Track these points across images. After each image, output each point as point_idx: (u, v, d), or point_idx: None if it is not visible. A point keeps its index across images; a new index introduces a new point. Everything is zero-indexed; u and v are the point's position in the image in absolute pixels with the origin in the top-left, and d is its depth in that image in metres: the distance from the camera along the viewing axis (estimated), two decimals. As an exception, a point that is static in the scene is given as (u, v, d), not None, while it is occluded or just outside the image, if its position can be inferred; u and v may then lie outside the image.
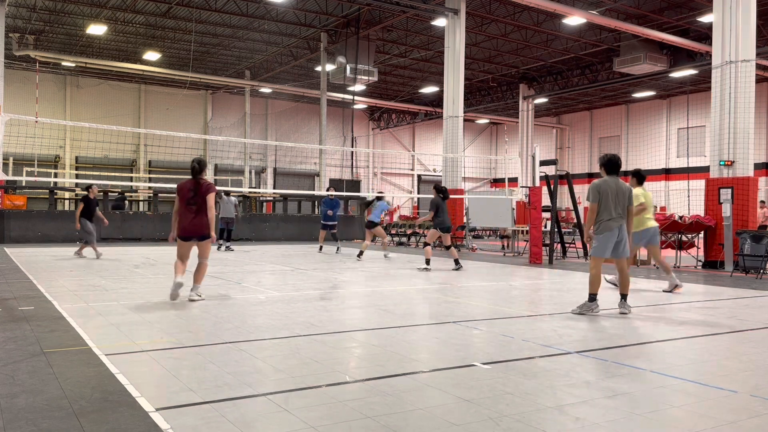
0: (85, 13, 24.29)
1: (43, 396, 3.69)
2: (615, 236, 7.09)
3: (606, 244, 7.11)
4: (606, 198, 7.08)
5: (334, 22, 25.70)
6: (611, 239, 7.10)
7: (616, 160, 7.27)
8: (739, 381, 4.33)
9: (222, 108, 38.04)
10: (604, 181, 7.19)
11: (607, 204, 7.07)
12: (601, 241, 7.12)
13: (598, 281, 7.18)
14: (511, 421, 3.41)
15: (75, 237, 19.41)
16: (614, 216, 7.08)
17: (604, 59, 28.94)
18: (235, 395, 3.79)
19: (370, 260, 14.43)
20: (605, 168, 7.31)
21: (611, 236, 7.09)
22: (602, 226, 7.12)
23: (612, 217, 7.07)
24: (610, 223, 7.07)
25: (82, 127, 15.90)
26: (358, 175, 40.27)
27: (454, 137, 20.46)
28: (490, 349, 5.27)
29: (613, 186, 7.13)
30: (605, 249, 7.13)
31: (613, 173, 7.25)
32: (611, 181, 7.17)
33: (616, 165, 7.24)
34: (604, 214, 7.10)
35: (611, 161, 7.27)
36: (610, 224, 7.07)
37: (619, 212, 7.11)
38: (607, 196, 7.08)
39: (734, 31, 13.34)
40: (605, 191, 7.10)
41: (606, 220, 7.08)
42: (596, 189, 7.14)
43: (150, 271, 11.03)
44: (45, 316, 6.31)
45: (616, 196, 7.10)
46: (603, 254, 7.16)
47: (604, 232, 7.11)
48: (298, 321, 6.31)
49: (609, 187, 7.12)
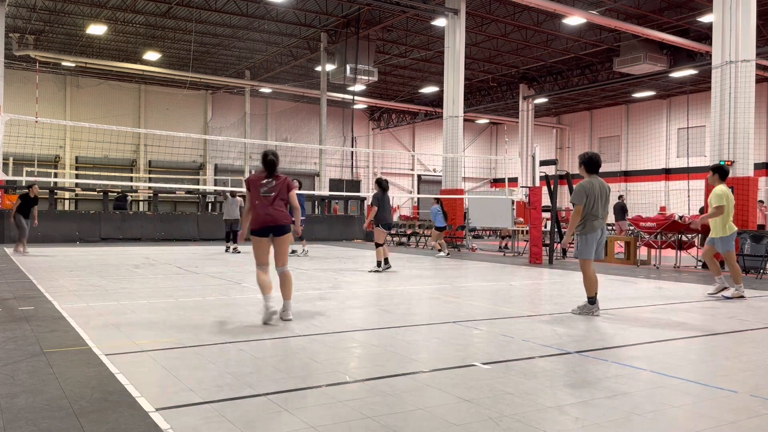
0: (85, 13, 24.29)
1: (43, 396, 3.69)
2: (598, 237, 7.05)
3: (592, 244, 7.05)
4: (592, 199, 7.01)
5: (334, 22, 25.70)
6: (596, 240, 7.05)
7: (597, 159, 7.18)
8: (739, 381, 4.33)
9: (222, 108, 38.04)
10: (588, 182, 7.10)
11: (594, 205, 7.01)
12: (588, 243, 7.04)
13: (594, 282, 7.02)
14: (511, 421, 3.41)
15: (75, 237, 19.47)
16: (599, 217, 7.04)
17: (604, 59, 28.94)
18: (235, 395, 3.79)
19: (370, 261, 14.43)
20: (586, 167, 7.19)
21: (596, 237, 7.04)
22: (587, 227, 7.03)
23: (598, 218, 7.03)
24: (596, 223, 7.02)
25: (82, 127, 15.91)
26: (358, 175, 40.26)
27: (454, 137, 20.46)
28: (490, 349, 5.27)
29: (597, 187, 7.06)
30: (592, 250, 7.06)
31: (594, 172, 7.16)
32: (595, 182, 7.10)
33: (596, 164, 7.15)
34: (589, 215, 7.03)
35: (592, 160, 7.16)
36: (595, 225, 7.02)
37: (603, 213, 7.09)
38: (593, 197, 7.01)
39: (734, 31, 13.34)
40: (592, 192, 7.02)
41: (592, 220, 7.02)
42: (584, 191, 7.02)
43: (150, 271, 11.03)
44: (45, 316, 6.31)
45: (600, 197, 7.05)
46: (590, 255, 7.07)
47: (590, 232, 7.03)
48: (299, 321, 6.30)
49: (594, 188, 7.04)
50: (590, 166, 7.16)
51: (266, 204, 6.26)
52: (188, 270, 11.40)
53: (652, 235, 13.85)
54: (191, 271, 11.16)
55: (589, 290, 6.99)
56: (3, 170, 16.41)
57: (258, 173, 6.44)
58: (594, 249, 7.07)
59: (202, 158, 37.44)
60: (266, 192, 6.29)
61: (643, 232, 14.09)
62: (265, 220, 6.24)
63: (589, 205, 6.99)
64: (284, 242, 6.39)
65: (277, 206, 6.29)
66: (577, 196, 7.04)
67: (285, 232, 6.32)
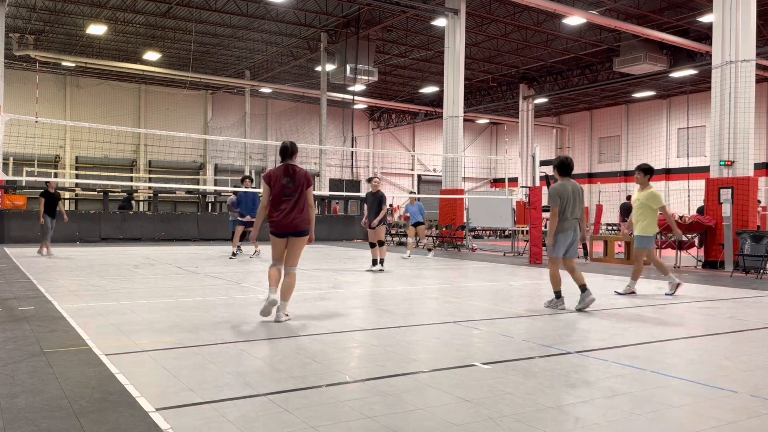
0: (85, 13, 24.29)
1: (43, 396, 3.69)
2: (570, 237, 7.46)
3: (561, 244, 7.46)
4: (565, 200, 7.40)
5: (334, 22, 25.70)
6: (567, 240, 7.46)
7: (569, 162, 7.57)
8: (739, 381, 4.33)
9: (222, 108, 38.05)
10: (561, 185, 7.48)
11: (567, 207, 7.40)
12: (559, 241, 7.46)
13: (558, 279, 7.52)
14: (511, 421, 3.41)
15: (75, 237, 19.46)
16: (570, 219, 7.42)
17: (604, 59, 28.94)
18: (235, 395, 3.79)
19: (369, 260, 14.42)
20: (558, 170, 7.59)
21: (566, 237, 7.45)
22: (558, 227, 7.44)
23: (568, 220, 7.42)
24: (566, 224, 7.43)
25: (82, 127, 15.92)
26: (358, 175, 40.26)
27: (454, 137, 20.46)
28: (490, 349, 5.27)
29: (569, 189, 7.44)
30: (560, 249, 7.48)
31: (566, 175, 7.54)
32: (568, 184, 7.48)
33: (569, 167, 7.54)
34: (561, 217, 7.42)
35: (563, 163, 7.56)
36: (566, 226, 7.43)
37: (576, 215, 7.46)
38: (567, 199, 7.40)
39: (734, 31, 13.33)
40: (565, 195, 7.40)
41: (563, 222, 7.42)
42: (557, 193, 7.42)
43: (150, 272, 11.03)
44: (45, 316, 6.31)
45: (573, 199, 7.43)
46: (559, 254, 7.50)
47: (560, 232, 7.45)
48: (298, 321, 6.31)
49: (567, 191, 7.42)
50: (563, 170, 7.56)
51: (288, 209, 6.24)
52: (188, 270, 11.40)
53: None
54: (191, 271, 11.16)
55: (555, 285, 7.53)
56: (3, 170, 16.40)
57: (278, 167, 6.38)
58: (563, 249, 7.47)
59: (202, 158, 37.44)
60: (289, 194, 6.24)
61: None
62: (287, 226, 6.26)
63: (561, 206, 7.39)
64: (300, 243, 6.41)
65: (298, 210, 6.27)
66: (551, 199, 7.45)
67: (304, 235, 6.38)
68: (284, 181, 6.25)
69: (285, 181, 6.25)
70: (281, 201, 6.26)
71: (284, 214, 6.24)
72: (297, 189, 6.26)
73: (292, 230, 6.29)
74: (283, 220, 6.25)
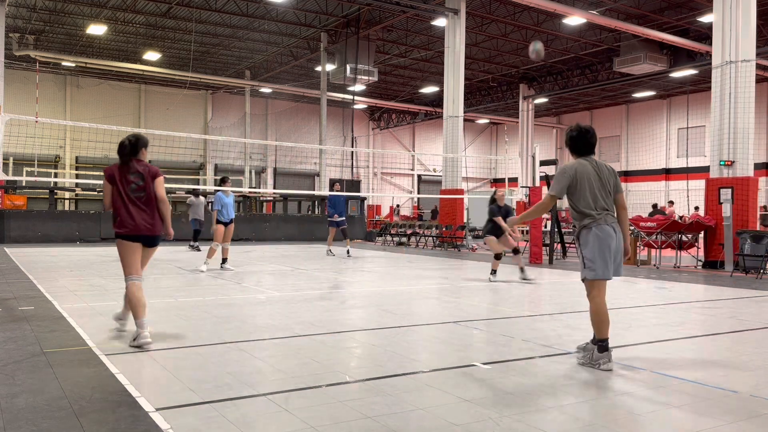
0: (85, 13, 24.29)
1: (43, 396, 3.69)
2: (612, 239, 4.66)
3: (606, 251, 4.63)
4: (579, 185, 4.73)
5: (334, 22, 25.69)
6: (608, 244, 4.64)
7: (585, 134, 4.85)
8: (739, 381, 4.33)
9: (222, 108, 38.04)
10: (578, 162, 4.83)
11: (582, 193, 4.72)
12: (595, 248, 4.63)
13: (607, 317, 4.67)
14: (511, 421, 3.41)
15: (75, 237, 19.44)
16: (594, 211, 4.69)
17: (604, 59, 28.93)
18: (235, 395, 3.79)
19: (369, 260, 14.44)
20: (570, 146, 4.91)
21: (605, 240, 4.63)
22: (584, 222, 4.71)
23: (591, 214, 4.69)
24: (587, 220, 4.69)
25: (82, 127, 15.89)
26: (358, 175, 40.25)
27: (454, 137, 20.46)
28: (490, 349, 5.27)
29: (589, 169, 4.77)
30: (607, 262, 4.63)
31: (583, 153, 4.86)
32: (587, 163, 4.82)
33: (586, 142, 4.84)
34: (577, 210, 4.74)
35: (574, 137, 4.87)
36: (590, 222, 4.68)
37: (603, 204, 4.71)
38: (582, 181, 4.73)
39: (734, 31, 13.33)
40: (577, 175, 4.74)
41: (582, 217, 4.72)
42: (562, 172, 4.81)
43: (150, 272, 11.02)
44: (45, 316, 6.31)
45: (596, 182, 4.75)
46: (605, 273, 4.64)
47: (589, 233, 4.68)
48: (298, 321, 6.31)
49: (585, 170, 4.76)
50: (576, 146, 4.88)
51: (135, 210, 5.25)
52: (188, 270, 11.40)
53: (652, 235, 13.85)
54: (191, 271, 11.16)
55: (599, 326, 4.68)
56: (3, 170, 16.39)
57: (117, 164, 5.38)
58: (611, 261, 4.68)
59: (202, 158, 37.43)
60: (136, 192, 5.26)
61: (643, 232, 14.09)
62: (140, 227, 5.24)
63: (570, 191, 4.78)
64: (152, 253, 5.55)
65: (148, 214, 5.29)
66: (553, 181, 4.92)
67: (156, 244, 5.47)
68: (131, 178, 5.28)
69: (132, 179, 5.28)
70: (128, 201, 5.27)
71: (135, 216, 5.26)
72: (145, 186, 5.31)
73: (147, 234, 5.32)
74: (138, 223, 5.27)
